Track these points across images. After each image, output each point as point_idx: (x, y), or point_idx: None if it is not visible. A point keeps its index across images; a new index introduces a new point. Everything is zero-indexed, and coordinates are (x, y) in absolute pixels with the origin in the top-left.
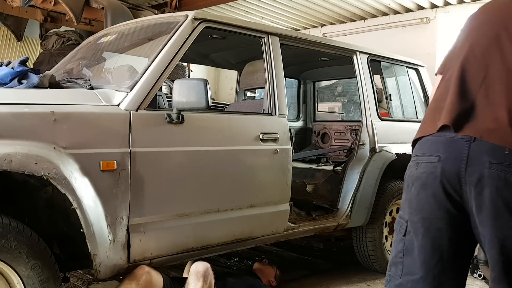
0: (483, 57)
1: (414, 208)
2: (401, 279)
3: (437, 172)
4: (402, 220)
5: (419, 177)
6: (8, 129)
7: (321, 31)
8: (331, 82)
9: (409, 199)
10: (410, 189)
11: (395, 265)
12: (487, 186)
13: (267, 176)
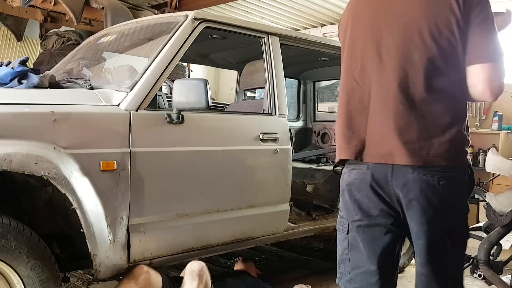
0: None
1: (351, 209)
2: (350, 274)
3: (367, 178)
4: (344, 220)
5: (352, 182)
6: (8, 129)
7: (321, 31)
8: (331, 82)
9: (346, 201)
10: (344, 193)
11: (343, 262)
12: (412, 188)
13: (267, 176)
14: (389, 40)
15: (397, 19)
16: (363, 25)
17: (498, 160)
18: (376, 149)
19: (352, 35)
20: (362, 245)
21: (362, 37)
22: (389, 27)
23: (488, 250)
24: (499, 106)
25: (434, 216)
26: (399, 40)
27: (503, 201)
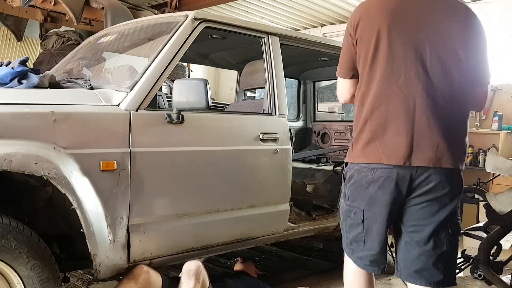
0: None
1: (373, 203)
2: (362, 253)
3: (393, 176)
4: (357, 209)
5: (376, 180)
6: (8, 129)
7: (321, 31)
8: (331, 82)
9: (369, 196)
10: (366, 188)
11: (357, 242)
12: (433, 180)
13: (267, 176)
14: (433, 56)
15: (441, 38)
16: (403, 38)
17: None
18: (424, 153)
19: (392, 44)
20: (375, 232)
21: (403, 49)
22: (432, 45)
23: (488, 250)
24: (499, 106)
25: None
26: (443, 58)
27: (503, 201)
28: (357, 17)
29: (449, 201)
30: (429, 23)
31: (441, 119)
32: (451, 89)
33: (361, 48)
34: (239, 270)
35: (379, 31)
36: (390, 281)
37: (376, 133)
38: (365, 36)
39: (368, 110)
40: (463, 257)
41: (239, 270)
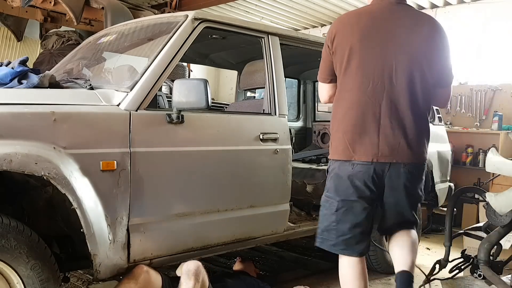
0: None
1: (350, 193)
2: (335, 240)
3: (370, 171)
4: (333, 200)
5: (355, 174)
6: (8, 129)
7: (321, 31)
8: None
9: (344, 186)
10: (344, 180)
11: (328, 231)
12: (401, 177)
13: (267, 176)
14: (399, 67)
15: (405, 51)
16: (372, 52)
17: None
18: (387, 151)
19: (362, 57)
20: (349, 219)
21: (373, 61)
22: (398, 57)
23: (488, 250)
24: (499, 106)
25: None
26: (408, 68)
27: (503, 201)
28: (334, 31)
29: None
30: (397, 37)
31: (402, 122)
32: (413, 95)
33: (336, 59)
34: (238, 270)
35: (352, 46)
36: (390, 281)
37: (347, 134)
38: (339, 49)
39: (341, 114)
40: (463, 257)
41: (238, 270)
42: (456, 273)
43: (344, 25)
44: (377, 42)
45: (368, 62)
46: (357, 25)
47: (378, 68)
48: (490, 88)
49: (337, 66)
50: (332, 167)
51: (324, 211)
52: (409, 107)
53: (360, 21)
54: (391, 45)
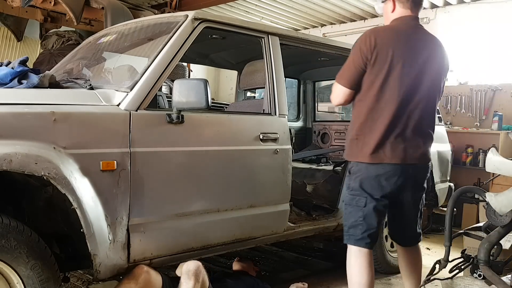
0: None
1: (376, 191)
2: (361, 235)
3: (397, 172)
4: (360, 196)
5: (383, 174)
6: (8, 129)
7: (321, 31)
8: (331, 82)
9: (371, 184)
10: (372, 179)
11: (354, 227)
12: (420, 176)
13: (267, 176)
14: (423, 85)
15: (428, 72)
16: (408, 69)
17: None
18: (411, 155)
19: (400, 73)
20: (376, 214)
21: (407, 78)
22: (424, 76)
23: (488, 250)
24: (499, 106)
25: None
26: (428, 85)
27: (503, 201)
28: (373, 43)
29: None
30: (423, 59)
31: (421, 131)
32: (429, 108)
33: (374, 71)
34: (238, 269)
35: (392, 62)
36: (390, 281)
37: (380, 140)
38: (380, 62)
39: (375, 121)
40: (463, 257)
41: (238, 269)
42: (456, 273)
43: (384, 40)
44: (413, 61)
45: (403, 78)
46: (398, 43)
47: (409, 84)
48: (490, 88)
49: (373, 76)
50: (357, 168)
51: (349, 208)
52: (425, 117)
53: (399, 40)
54: (421, 65)
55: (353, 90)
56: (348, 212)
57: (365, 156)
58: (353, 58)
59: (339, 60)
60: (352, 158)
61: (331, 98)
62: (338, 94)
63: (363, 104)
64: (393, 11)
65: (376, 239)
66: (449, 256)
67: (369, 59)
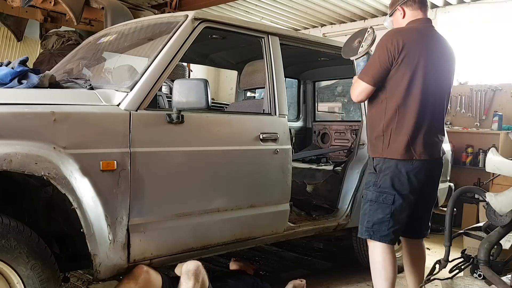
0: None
1: (405, 187)
2: (388, 231)
3: (426, 167)
4: (388, 194)
5: (412, 170)
6: (8, 129)
7: (321, 31)
8: (331, 82)
9: (401, 181)
10: (402, 175)
11: (379, 224)
12: (437, 168)
13: (267, 176)
14: (441, 85)
15: (445, 72)
16: (431, 70)
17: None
18: (435, 150)
19: (426, 74)
20: (405, 211)
21: (431, 78)
22: (441, 76)
23: (488, 250)
24: (499, 106)
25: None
26: (444, 85)
27: (503, 201)
28: (401, 44)
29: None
30: (442, 60)
31: (439, 128)
32: (444, 106)
33: (401, 69)
34: (236, 269)
35: (419, 62)
36: None
37: (410, 137)
38: (407, 62)
39: (404, 119)
40: (463, 257)
41: (236, 269)
42: (456, 273)
43: (410, 41)
44: (433, 61)
45: (426, 77)
46: (421, 42)
47: (431, 82)
48: (490, 88)
49: (400, 75)
50: (386, 165)
51: (375, 205)
52: (442, 114)
53: (424, 41)
54: (438, 65)
55: (375, 88)
56: (374, 209)
57: (395, 153)
58: (379, 57)
59: (339, 60)
60: (378, 154)
61: (352, 94)
62: (362, 91)
63: (390, 102)
64: (404, 17)
65: (399, 235)
66: (449, 256)
67: (396, 59)
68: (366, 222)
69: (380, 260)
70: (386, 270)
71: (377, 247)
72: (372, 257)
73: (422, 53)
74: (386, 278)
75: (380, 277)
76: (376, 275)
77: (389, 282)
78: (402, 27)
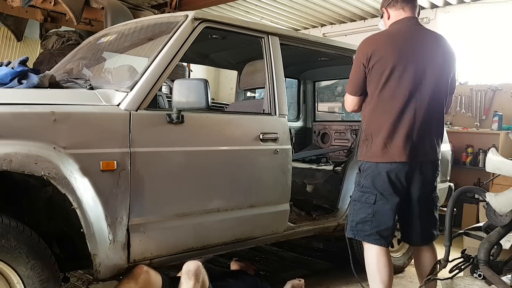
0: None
1: (386, 187)
2: (370, 231)
3: (406, 168)
4: (370, 194)
5: (392, 171)
6: (8, 129)
7: (321, 31)
8: (331, 82)
9: (382, 181)
10: (382, 176)
11: (363, 223)
12: (429, 173)
13: (267, 176)
14: (426, 81)
15: (431, 67)
16: (409, 68)
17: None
18: (419, 152)
19: (401, 73)
20: (387, 211)
21: (409, 77)
22: (427, 72)
23: (488, 250)
24: (499, 106)
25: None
26: (433, 82)
27: (503, 201)
28: (369, 52)
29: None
30: (425, 56)
31: (429, 128)
32: (436, 104)
33: (374, 76)
34: (237, 269)
35: (392, 64)
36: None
37: (388, 139)
38: (378, 66)
39: (381, 122)
40: (463, 257)
41: (237, 269)
42: (456, 273)
43: (379, 46)
44: (411, 60)
45: (406, 78)
46: (394, 46)
47: (412, 83)
48: (490, 88)
49: (374, 81)
50: (367, 166)
51: (358, 205)
52: (433, 115)
53: (396, 42)
54: (421, 63)
55: (361, 97)
56: (357, 208)
57: (374, 156)
58: (354, 68)
59: (339, 60)
60: (362, 157)
61: (345, 106)
62: (349, 103)
63: (368, 107)
64: (389, 18)
65: (389, 237)
66: (449, 256)
67: (367, 66)
68: (350, 221)
69: (374, 262)
70: (380, 272)
71: (371, 249)
72: (367, 259)
73: (395, 55)
74: (381, 281)
75: (375, 280)
76: (371, 278)
77: (384, 285)
78: (374, 34)
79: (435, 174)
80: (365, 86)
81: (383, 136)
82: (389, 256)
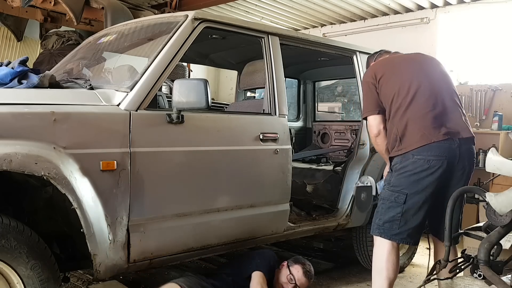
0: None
1: (420, 186)
2: (399, 230)
3: (443, 166)
4: (400, 193)
5: (429, 167)
6: (8, 129)
7: (321, 31)
8: (331, 82)
9: (415, 180)
10: (418, 174)
11: (390, 222)
12: (467, 167)
13: (267, 176)
14: (437, 79)
15: (430, 71)
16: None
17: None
18: (456, 129)
19: (406, 72)
20: (419, 211)
21: (422, 92)
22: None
23: (488, 250)
24: (499, 106)
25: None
26: (442, 78)
27: (503, 201)
28: (373, 72)
29: None
30: (428, 69)
31: (455, 107)
32: (450, 91)
33: (385, 88)
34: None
35: (399, 68)
36: None
37: (421, 126)
38: (385, 79)
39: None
40: (463, 257)
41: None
42: (456, 273)
43: (380, 67)
44: (405, 68)
45: (411, 71)
46: (394, 60)
47: (426, 95)
48: (490, 88)
49: (387, 92)
50: (401, 165)
51: (388, 203)
52: (452, 98)
53: (394, 58)
54: (424, 62)
55: (381, 114)
56: (385, 207)
57: (413, 143)
58: (364, 91)
59: (339, 60)
60: (395, 153)
61: (371, 133)
62: (373, 125)
63: (391, 114)
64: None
65: (416, 237)
66: (449, 256)
67: (375, 84)
68: (377, 220)
69: (384, 259)
70: (388, 269)
71: (383, 245)
72: (376, 255)
73: (395, 70)
74: (387, 277)
75: (380, 275)
76: (378, 274)
77: (388, 283)
78: (374, 63)
79: (473, 156)
80: (381, 102)
81: (417, 126)
82: (398, 255)
